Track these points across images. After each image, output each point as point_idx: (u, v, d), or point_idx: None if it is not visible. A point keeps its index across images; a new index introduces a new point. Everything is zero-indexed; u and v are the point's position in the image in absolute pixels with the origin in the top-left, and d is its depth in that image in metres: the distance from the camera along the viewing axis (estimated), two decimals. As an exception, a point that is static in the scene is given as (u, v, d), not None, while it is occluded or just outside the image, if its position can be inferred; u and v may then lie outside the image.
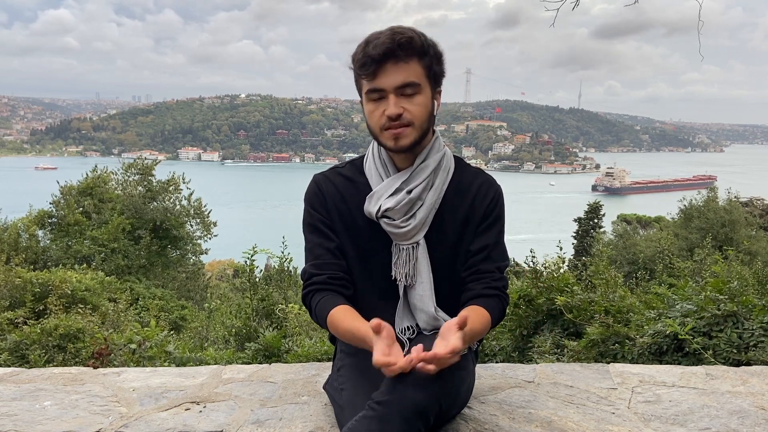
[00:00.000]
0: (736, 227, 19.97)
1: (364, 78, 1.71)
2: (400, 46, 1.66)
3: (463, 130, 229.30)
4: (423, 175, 1.80)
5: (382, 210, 1.78)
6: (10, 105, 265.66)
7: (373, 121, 1.74)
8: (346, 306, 1.75)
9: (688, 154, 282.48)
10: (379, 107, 1.72)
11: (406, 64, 1.68)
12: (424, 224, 1.82)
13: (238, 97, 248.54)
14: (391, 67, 1.67)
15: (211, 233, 21.41)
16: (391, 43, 1.65)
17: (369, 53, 1.67)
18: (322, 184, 1.89)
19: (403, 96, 1.70)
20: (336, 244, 1.85)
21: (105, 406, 2.06)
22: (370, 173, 1.86)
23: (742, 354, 2.87)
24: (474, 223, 1.86)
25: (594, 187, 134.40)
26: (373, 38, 1.69)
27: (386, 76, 1.68)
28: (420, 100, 1.72)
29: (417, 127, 1.73)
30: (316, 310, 1.80)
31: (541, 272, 4.45)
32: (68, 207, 17.99)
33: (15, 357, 5.27)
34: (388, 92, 1.69)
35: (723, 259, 5.96)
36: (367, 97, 1.74)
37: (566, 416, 1.97)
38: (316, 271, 1.83)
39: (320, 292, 1.81)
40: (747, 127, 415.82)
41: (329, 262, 1.83)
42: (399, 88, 1.68)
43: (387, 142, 1.74)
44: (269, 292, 5.64)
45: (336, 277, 1.82)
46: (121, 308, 7.74)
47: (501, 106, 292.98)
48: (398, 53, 1.66)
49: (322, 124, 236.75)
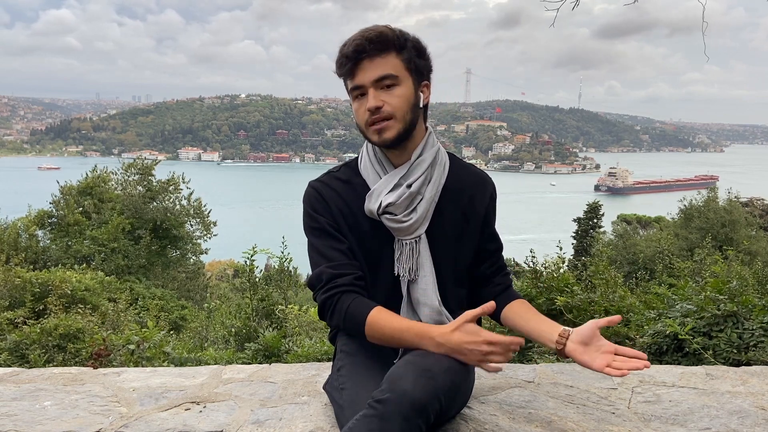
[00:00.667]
0: (736, 227, 19.97)
1: (346, 78, 1.78)
2: (369, 41, 1.71)
3: (463, 130, 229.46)
4: (421, 169, 1.82)
5: (384, 206, 1.79)
6: (10, 105, 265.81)
7: (359, 118, 1.78)
8: (381, 307, 1.75)
9: (688, 154, 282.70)
10: (363, 104, 1.75)
11: (381, 58, 1.72)
12: (426, 218, 1.83)
13: (238, 97, 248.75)
14: (367, 64, 1.72)
15: (210, 233, 21.42)
16: (361, 40, 1.71)
17: (344, 53, 1.74)
18: (321, 189, 1.88)
19: (383, 89, 1.73)
20: (348, 245, 1.83)
21: (105, 406, 2.06)
22: (366, 173, 1.87)
23: (742, 354, 2.87)
24: (476, 219, 1.92)
25: (597, 187, 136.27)
26: (348, 39, 1.75)
27: (363, 72, 1.73)
28: (400, 92, 1.74)
29: (399, 119, 1.74)
30: (348, 311, 1.75)
31: (541, 272, 4.45)
32: (68, 207, 18.00)
33: (15, 357, 5.26)
34: (367, 87, 1.73)
35: (723, 259, 5.96)
36: (352, 96, 1.79)
37: (566, 416, 1.97)
38: (337, 271, 1.78)
39: (349, 294, 1.76)
40: (747, 127, 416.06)
41: (348, 263, 1.80)
42: (377, 82, 1.72)
43: (372, 137, 1.77)
44: (269, 292, 5.63)
45: (359, 278, 1.80)
46: (120, 308, 7.74)
47: (501, 106, 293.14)
48: (369, 48, 1.71)
49: (322, 124, 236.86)
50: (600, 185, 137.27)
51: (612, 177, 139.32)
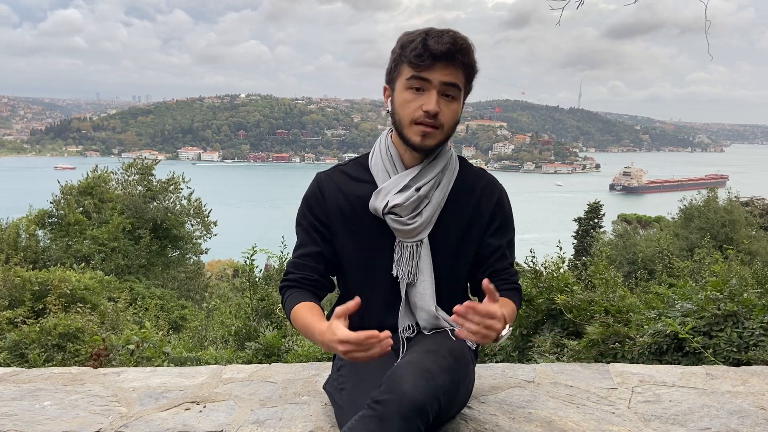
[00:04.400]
0: (736, 227, 19.98)
1: (414, 67, 1.70)
2: (460, 51, 1.69)
3: (463, 129, 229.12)
4: (432, 173, 1.81)
5: (390, 206, 1.79)
6: (10, 105, 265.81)
7: (406, 111, 1.73)
8: (311, 303, 1.78)
9: (688, 154, 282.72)
10: (418, 99, 1.71)
11: (455, 68, 1.70)
12: (430, 222, 1.83)
13: (238, 97, 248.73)
14: (444, 66, 1.69)
15: (210, 233, 21.42)
16: (453, 45, 1.67)
17: (430, 46, 1.67)
18: (324, 183, 1.90)
19: (444, 97, 1.71)
20: (320, 250, 1.87)
21: (105, 406, 2.06)
22: (376, 170, 1.86)
23: (742, 354, 2.87)
24: (480, 225, 1.88)
25: (612, 186, 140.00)
26: (435, 34, 1.69)
27: (438, 71, 1.69)
28: (455, 107, 1.75)
29: (444, 132, 1.75)
30: (284, 305, 1.86)
31: (541, 272, 4.45)
32: (68, 206, 17.99)
33: (14, 356, 5.26)
34: (433, 86, 1.70)
35: (723, 259, 5.96)
36: (406, 83, 1.72)
37: (566, 416, 1.97)
38: (292, 269, 1.89)
39: (290, 289, 1.86)
40: (747, 127, 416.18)
41: (308, 264, 1.87)
42: (444, 86, 1.70)
43: (413, 137, 1.74)
44: (269, 292, 5.63)
45: (310, 278, 1.86)
46: (120, 308, 7.73)
47: (501, 106, 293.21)
48: (456, 56, 1.69)
49: (322, 124, 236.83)
50: (615, 184, 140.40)
51: (627, 176, 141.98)
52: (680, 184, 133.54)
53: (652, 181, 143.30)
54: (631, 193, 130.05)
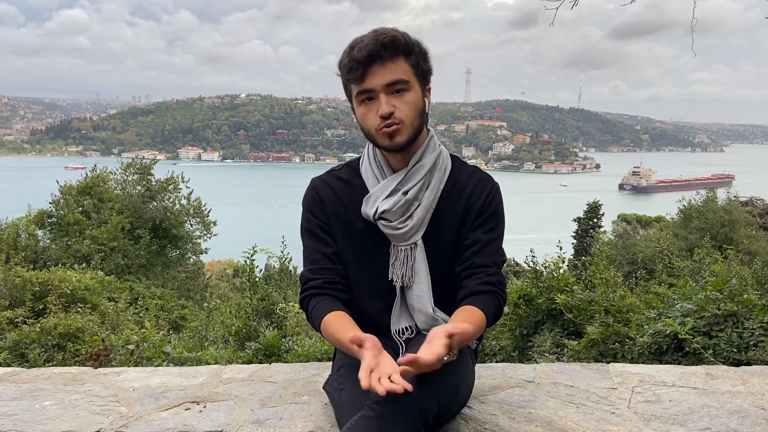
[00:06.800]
0: (735, 227, 19.99)
1: (353, 82, 1.72)
2: (384, 46, 1.67)
3: (463, 130, 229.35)
4: (418, 175, 1.80)
5: (379, 212, 1.79)
6: (10, 105, 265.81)
7: (367, 123, 1.74)
8: (340, 312, 1.76)
9: (690, 154, 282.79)
10: (372, 109, 1.72)
11: (392, 63, 1.69)
12: (422, 224, 1.82)
13: (238, 97, 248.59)
14: (378, 68, 1.68)
15: (210, 233, 21.40)
16: (375, 44, 1.67)
17: (354, 57, 1.68)
18: (320, 188, 1.90)
19: (393, 94, 1.70)
20: (333, 250, 1.86)
21: (105, 406, 2.06)
22: (366, 175, 1.87)
23: (742, 354, 2.87)
24: (470, 220, 1.85)
25: (621, 185, 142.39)
26: (357, 42, 1.70)
27: (374, 76, 1.69)
28: (410, 98, 1.72)
29: (408, 125, 1.73)
30: (312, 314, 1.82)
31: (541, 272, 4.45)
32: (68, 206, 17.98)
33: (14, 356, 5.26)
34: (377, 92, 1.69)
35: (723, 259, 5.96)
36: (357, 100, 1.74)
37: (566, 416, 1.97)
38: (312, 275, 1.85)
39: (316, 297, 1.82)
40: (747, 127, 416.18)
41: (326, 267, 1.84)
42: (388, 86, 1.69)
43: (382, 142, 1.74)
44: (269, 292, 5.63)
45: (332, 282, 1.83)
46: (120, 308, 7.73)
47: (501, 106, 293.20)
48: (383, 53, 1.68)
49: (322, 124, 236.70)
50: (624, 184, 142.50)
51: (636, 176, 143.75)
52: (688, 183, 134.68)
53: (661, 180, 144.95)
54: (641, 193, 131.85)
